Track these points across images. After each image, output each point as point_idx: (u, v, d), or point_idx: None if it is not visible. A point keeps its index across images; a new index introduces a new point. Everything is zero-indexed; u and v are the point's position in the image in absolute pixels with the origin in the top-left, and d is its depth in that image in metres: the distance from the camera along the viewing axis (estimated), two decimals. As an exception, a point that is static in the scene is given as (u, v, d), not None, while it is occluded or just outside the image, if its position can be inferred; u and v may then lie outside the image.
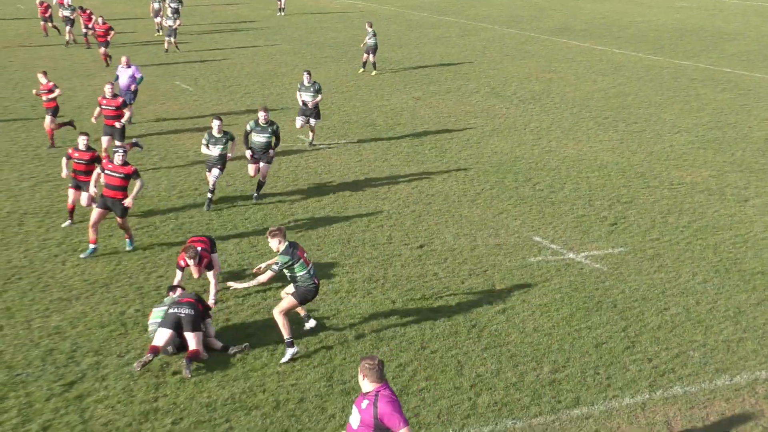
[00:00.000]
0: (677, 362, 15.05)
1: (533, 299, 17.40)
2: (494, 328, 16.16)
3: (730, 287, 18.18)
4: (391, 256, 19.45)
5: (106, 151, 24.66)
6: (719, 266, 19.22)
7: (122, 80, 30.17)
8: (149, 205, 22.36)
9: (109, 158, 19.91)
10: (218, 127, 21.85)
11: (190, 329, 14.58)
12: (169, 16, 45.99)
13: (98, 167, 19.44)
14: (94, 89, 34.79)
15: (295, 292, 14.84)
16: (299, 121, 27.89)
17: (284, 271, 14.65)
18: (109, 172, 19.08)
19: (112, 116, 25.25)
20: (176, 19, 46.21)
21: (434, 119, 32.27)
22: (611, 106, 34.92)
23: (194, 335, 14.59)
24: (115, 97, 25.44)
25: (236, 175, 24.62)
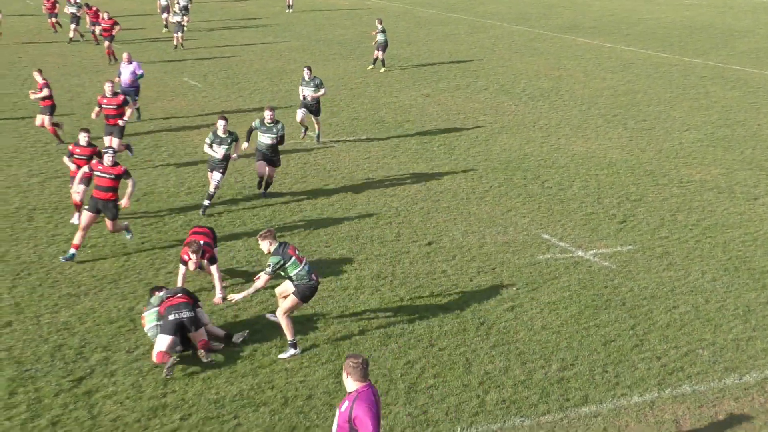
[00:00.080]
0: (686, 361, 15.01)
1: (542, 297, 17.37)
2: (503, 325, 16.15)
3: (739, 285, 18.14)
4: (399, 253, 19.44)
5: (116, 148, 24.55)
6: (728, 264, 19.17)
7: (123, 77, 29.92)
8: (158, 201, 22.38)
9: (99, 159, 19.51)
10: (223, 127, 21.39)
11: (194, 329, 14.64)
12: (176, 12, 46.01)
13: (85, 167, 18.93)
14: (103, 85, 34.73)
15: (295, 291, 14.80)
16: (300, 113, 27.65)
17: (280, 272, 14.62)
18: (99, 173, 18.63)
19: (113, 115, 24.96)
20: (184, 15, 46.23)
21: (443, 116, 32.25)
22: (620, 103, 34.86)
23: (199, 331, 14.67)
24: (115, 95, 25.16)
25: (244, 171, 24.63)
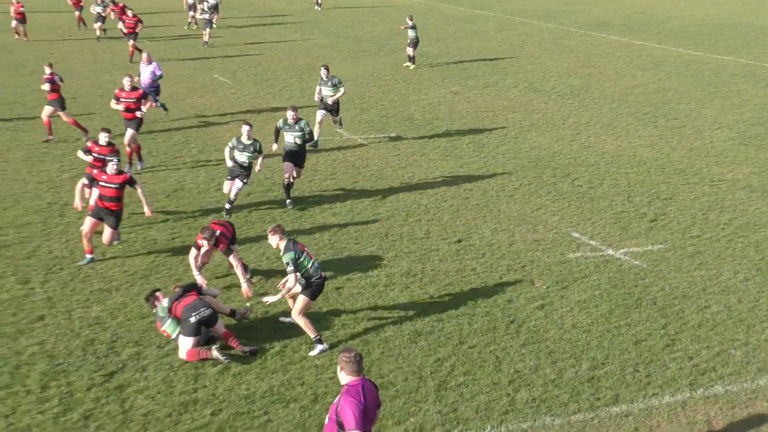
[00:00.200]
0: (718, 361, 14.90)
1: (572, 295, 17.30)
2: (533, 324, 16.10)
3: (771, 285, 18.00)
4: (429, 250, 19.42)
5: (128, 146, 24.22)
6: (761, 264, 19.01)
7: (143, 77, 29.35)
8: (187, 197, 22.46)
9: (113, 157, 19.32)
10: (247, 132, 20.94)
11: (215, 322, 14.84)
12: (205, 9, 46.13)
13: (83, 178, 18.41)
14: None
15: (304, 290, 14.86)
16: (320, 115, 27.21)
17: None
18: (103, 183, 18.21)
19: (131, 109, 24.53)
20: (213, 13, 46.36)
21: (472, 114, 32.18)
22: (651, 101, 34.65)
23: (218, 324, 14.95)
24: (134, 89, 24.79)
25: (274, 168, 24.66)
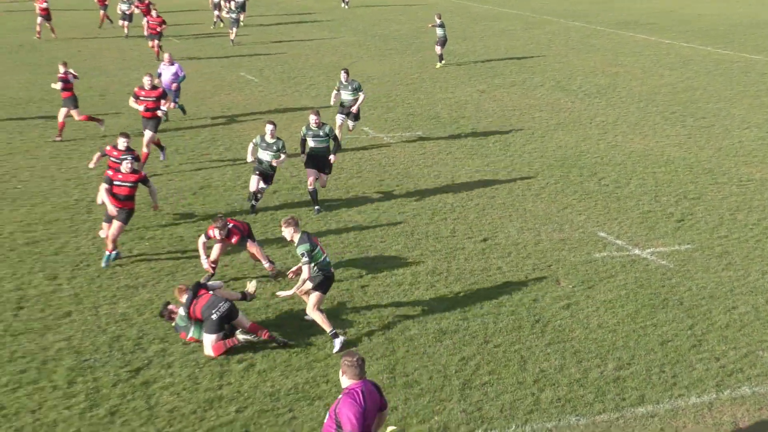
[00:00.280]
0: (746, 362, 14.79)
1: (598, 295, 17.23)
2: (558, 323, 16.04)
3: (800, 286, 17.86)
4: (454, 249, 19.39)
5: (146, 147, 24.13)
6: (789, 265, 18.89)
7: (165, 77, 29.18)
8: (214, 194, 22.55)
9: (133, 156, 19.15)
10: (271, 132, 20.83)
11: (236, 315, 14.91)
12: (232, 9, 46.24)
13: (104, 182, 18.12)
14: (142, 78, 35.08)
15: (316, 285, 14.94)
16: (339, 119, 26.75)
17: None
18: (118, 182, 18.03)
19: (150, 108, 24.40)
20: (240, 12, 46.49)
21: (498, 112, 32.12)
22: (679, 100, 34.45)
23: (240, 317, 15.00)
24: (154, 88, 24.68)
25: (300, 165, 24.68)
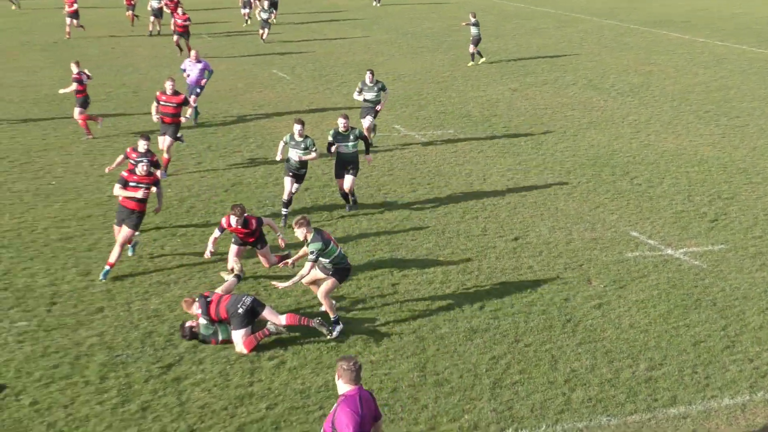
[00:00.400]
0: (779, 363, 14.68)
1: (630, 295, 17.14)
2: (589, 323, 15.97)
3: (835, 288, 17.67)
4: (485, 248, 19.35)
5: (166, 152, 23.84)
6: (824, 266, 18.70)
7: (192, 74, 28.96)
8: (245, 192, 22.62)
9: (149, 161, 18.96)
10: (299, 131, 20.22)
11: (261, 308, 15.00)
12: (264, 9, 46.31)
13: (118, 182, 17.85)
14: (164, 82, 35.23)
15: (333, 273, 15.28)
16: (366, 121, 26.18)
17: (321, 258, 15.13)
18: (134, 183, 17.71)
19: (170, 113, 23.88)
20: (271, 12, 46.56)
21: (530, 111, 32.01)
22: (713, 99, 34.19)
23: (267, 309, 15.08)
24: (176, 94, 24.08)
25: (330, 163, 24.71)
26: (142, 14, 50.80)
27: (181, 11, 41.92)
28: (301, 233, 15.12)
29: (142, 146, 19.38)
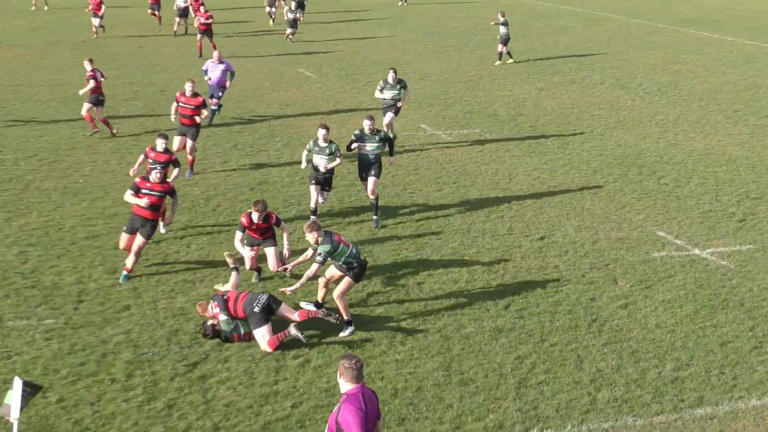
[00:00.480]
0: (807, 364, 14.56)
1: (656, 295, 17.05)
2: (615, 323, 15.90)
3: None
4: (511, 247, 19.31)
5: (191, 153, 23.74)
6: None
7: (214, 76, 28.81)
8: (272, 190, 22.68)
9: (166, 161, 19.10)
10: (324, 136, 20.02)
11: (277, 305, 15.05)
12: (291, 9, 46.33)
13: (130, 188, 17.62)
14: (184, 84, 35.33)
15: (348, 273, 15.44)
16: (388, 118, 26.06)
17: (332, 259, 15.37)
18: (146, 191, 17.40)
19: (189, 115, 23.62)
20: (298, 11, 46.57)
21: (557, 110, 31.91)
22: (741, 99, 33.95)
23: (282, 306, 15.15)
24: (195, 96, 23.71)
25: (352, 167, 24.72)
26: (167, 14, 50.84)
27: (203, 10, 41.93)
28: (312, 237, 15.32)
29: (160, 145, 19.55)
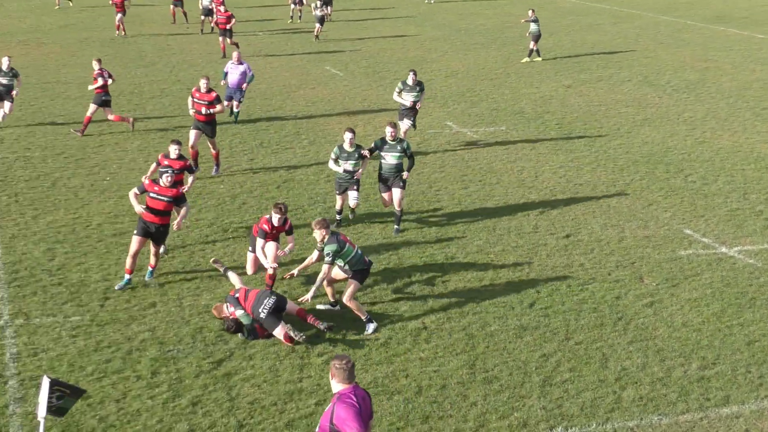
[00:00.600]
0: (835, 364, 14.43)
1: (682, 293, 16.95)
2: (641, 321, 15.82)
3: None
4: (536, 245, 19.25)
5: (192, 147, 23.50)
6: None
7: (232, 77, 28.64)
8: (297, 188, 22.72)
9: (185, 164, 18.86)
10: (350, 140, 19.57)
11: (284, 304, 15.13)
12: (317, 5, 46.32)
13: (135, 188, 17.26)
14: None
15: (353, 275, 15.47)
16: (405, 124, 25.34)
17: (336, 260, 15.36)
18: (154, 195, 16.85)
19: (202, 111, 23.45)
20: (325, 7, 46.57)
21: (584, 108, 31.78)
22: (770, 96, 33.72)
23: (290, 304, 15.25)
24: (209, 91, 23.52)
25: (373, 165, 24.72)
26: (192, 12, 50.87)
27: (223, 9, 41.94)
28: (319, 234, 15.36)
29: (173, 152, 18.93)
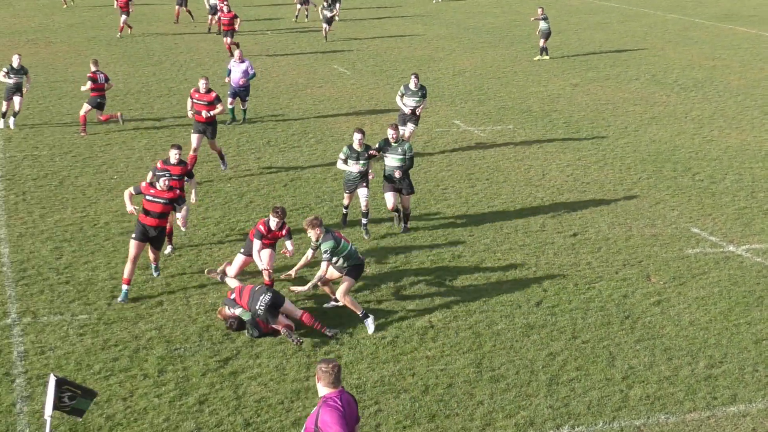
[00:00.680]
0: (843, 363, 14.40)
1: (690, 292, 16.93)
2: (648, 320, 15.80)
3: None
4: (543, 243, 19.24)
5: (194, 151, 23.45)
6: None
7: (234, 75, 28.53)
8: (304, 186, 22.72)
9: (185, 170, 18.44)
10: (359, 141, 19.35)
11: (281, 302, 15.19)
12: (325, 6, 46.24)
13: (131, 187, 16.94)
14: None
15: (347, 272, 15.51)
16: (410, 126, 24.62)
17: (334, 257, 15.39)
18: (151, 198, 16.41)
19: (201, 112, 23.21)
20: (332, 6, 46.53)
21: (591, 106, 31.74)
22: (779, 94, 33.65)
23: (286, 302, 15.30)
24: (208, 91, 23.34)
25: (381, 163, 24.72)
26: (198, 11, 50.91)
27: (226, 9, 41.91)
28: (314, 234, 15.38)
29: (173, 156, 18.25)
